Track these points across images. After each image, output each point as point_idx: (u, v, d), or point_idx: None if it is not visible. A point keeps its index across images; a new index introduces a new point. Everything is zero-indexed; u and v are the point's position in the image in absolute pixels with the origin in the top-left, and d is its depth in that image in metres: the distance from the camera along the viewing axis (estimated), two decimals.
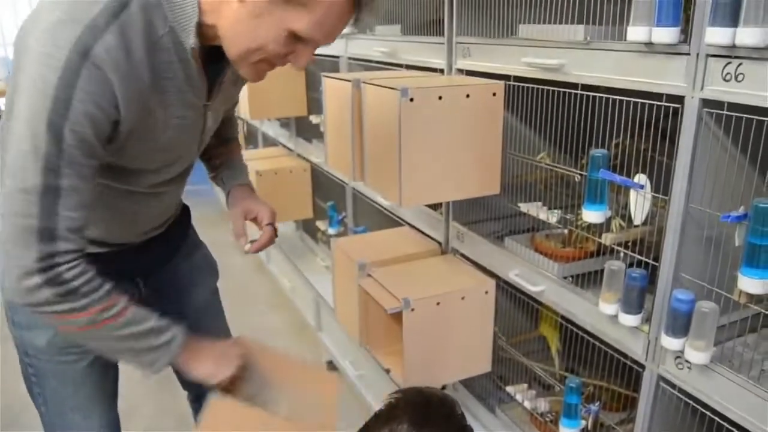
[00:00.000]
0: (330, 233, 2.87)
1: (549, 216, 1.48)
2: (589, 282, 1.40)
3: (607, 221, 1.31)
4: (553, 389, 1.73)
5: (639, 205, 1.21)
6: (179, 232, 1.40)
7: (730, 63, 0.98)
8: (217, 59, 0.99)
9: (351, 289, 1.80)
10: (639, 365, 1.25)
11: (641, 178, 1.20)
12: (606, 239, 1.31)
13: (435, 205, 1.90)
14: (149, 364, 1.08)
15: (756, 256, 1.00)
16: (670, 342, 1.13)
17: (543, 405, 1.65)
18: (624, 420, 1.51)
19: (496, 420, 1.79)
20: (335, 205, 2.84)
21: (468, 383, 1.89)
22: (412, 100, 1.38)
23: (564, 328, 1.51)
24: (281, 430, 1.17)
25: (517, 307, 1.72)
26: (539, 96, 1.45)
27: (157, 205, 1.24)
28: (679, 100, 1.07)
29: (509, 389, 1.73)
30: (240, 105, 2.87)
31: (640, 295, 1.21)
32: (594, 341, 1.38)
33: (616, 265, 1.25)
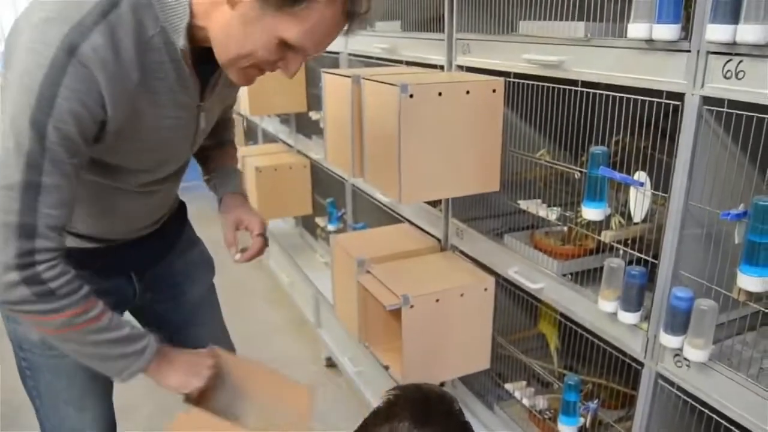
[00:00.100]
0: (329, 230, 2.86)
1: (548, 213, 1.48)
2: (589, 279, 1.40)
3: (607, 219, 1.31)
4: (552, 387, 1.73)
5: (639, 203, 1.21)
6: (175, 228, 1.39)
7: (730, 60, 0.98)
8: (210, 60, 0.99)
9: (350, 286, 1.80)
10: (638, 363, 1.25)
11: (641, 175, 1.20)
12: (605, 237, 1.31)
13: (434, 202, 1.90)
14: (119, 371, 1.07)
15: (755, 253, 1.00)
16: (669, 340, 1.13)
17: (542, 402, 1.65)
18: (622, 417, 1.51)
19: (494, 417, 1.79)
20: (335, 202, 2.84)
21: (467, 380, 1.89)
22: (411, 96, 1.38)
23: (563, 325, 1.51)
24: None
25: (517, 305, 1.72)
26: (539, 93, 1.45)
27: (151, 203, 1.24)
28: (680, 97, 1.07)
29: (508, 386, 1.73)
30: (240, 101, 2.87)
31: (639, 293, 1.21)
32: (593, 339, 1.38)
33: (615, 263, 1.25)
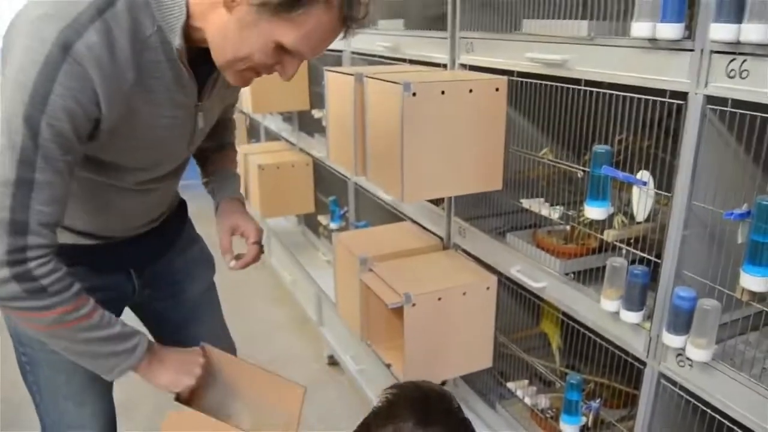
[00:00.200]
0: (331, 228, 2.87)
1: (551, 212, 1.48)
2: (591, 279, 1.40)
3: (610, 218, 1.31)
4: (554, 386, 1.73)
5: (641, 202, 1.21)
6: (174, 226, 1.39)
7: (734, 59, 0.97)
8: (208, 61, 0.99)
9: (352, 284, 1.80)
10: (640, 362, 1.25)
11: (644, 174, 1.20)
12: (608, 236, 1.31)
13: (437, 201, 1.90)
14: (109, 369, 1.08)
15: (759, 253, 0.99)
16: (671, 339, 1.13)
17: (543, 401, 1.65)
18: (625, 417, 1.51)
19: (496, 416, 1.79)
20: (337, 200, 2.84)
21: (469, 379, 1.89)
22: (414, 94, 1.38)
23: (565, 324, 1.51)
24: None
25: (519, 304, 1.72)
26: (542, 92, 1.45)
27: (148, 201, 1.24)
28: (683, 96, 1.06)
29: (510, 385, 1.73)
30: (243, 99, 2.87)
31: (642, 292, 1.21)
32: (595, 338, 1.37)
33: (618, 262, 1.24)
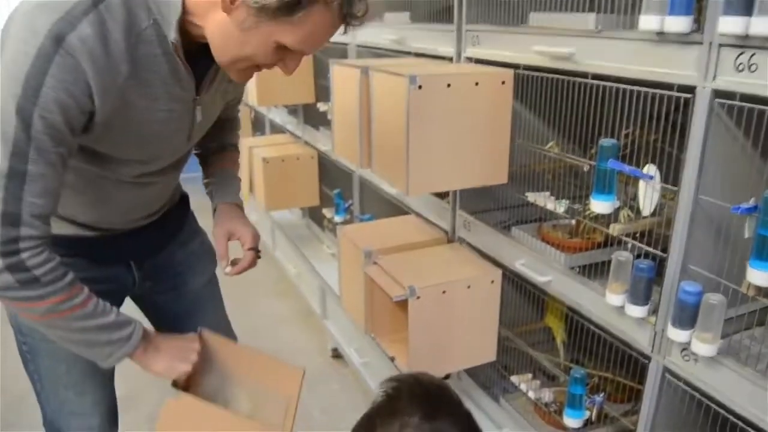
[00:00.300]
0: (336, 221, 2.87)
1: (556, 206, 1.47)
2: (596, 273, 1.39)
3: (615, 212, 1.31)
4: (558, 380, 1.73)
5: (648, 196, 1.21)
6: (176, 219, 1.40)
7: (743, 53, 0.97)
8: (207, 55, 0.98)
9: (357, 277, 1.80)
10: (645, 357, 1.25)
11: (651, 168, 1.19)
12: (614, 230, 1.30)
13: (442, 194, 1.89)
14: (105, 357, 1.08)
15: (765, 248, 0.99)
16: (676, 334, 1.13)
17: (547, 395, 1.65)
18: (628, 411, 1.51)
19: (499, 409, 1.80)
20: (342, 193, 2.84)
21: (472, 372, 1.89)
22: (420, 87, 1.37)
23: (570, 318, 1.51)
24: (239, 429, 1.16)
25: (523, 298, 1.72)
26: (549, 85, 1.44)
27: (147, 194, 1.24)
28: (691, 90, 1.06)
29: (513, 379, 1.73)
30: (248, 92, 2.87)
31: (647, 287, 1.20)
32: (600, 332, 1.37)
33: (623, 256, 1.24)
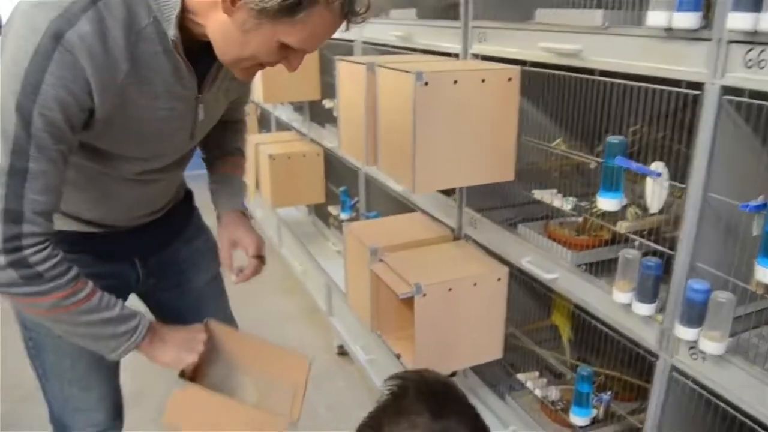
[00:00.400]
0: (342, 218, 2.87)
1: (563, 203, 1.47)
2: (603, 271, 1.39)
3: (623, 209, 1.30)
4: (564, 378, 1.72)
5: (655, 194, 1.20)
6: (180, 216, 1.40)
7: (752, 49, 0.96)
8: (209, 52, 0.98)
9: (363, 274, 1.80)
10: (652, 355, 1.24)
11: (658, 165, 1.19)
12: (621, 227, 1.30)
13: (448, 191, 1.89)
14: (111, 350, 1.09)
15: None
16: (684, 332, 1.12)
17: (554, 393, 1.65)
18: (636, 410, 1.50)
19: (506, 407, 1.79)
20: (348, 190, 2.84)
21: (478, 370, 1.89)
22: (426, 84, 1.37)
23: (576, 316, 1.50)
24: (246, 418, 1.17)
25: (530, 295, 1.72)
26: (555, 82, 1.44)
27: (150, 192, 1.24)
28: (699, 87, 1.05)
29: (520, 377, 1.73)
30: (254, 89, 2.86)
31: (654, 284, 1.20)
32: (607, 330, 1.37)
33: (631, 254, 1.23)
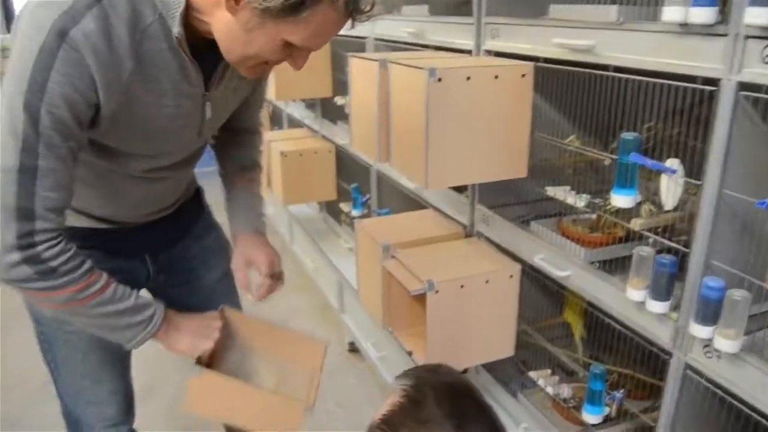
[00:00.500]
0: (353, 215, 2.87)
1: (577, 200, 1.46)
2: (617, 268, 1.38)
3: (637, 207, 1.29)
4: (576, 376, 1.71)
5: (670, 191, 1.19)
6: (190, 213, 1.40)
7: None
8: (215, 50, 0.98)
9: (374, 271, 1.80)
10: (666, 353, 1.23)
11: (673, 162, 1.18)
12: (635, 224, 1.29)
13: (460, 188, 1.88)
14: (128, 340, 1.10)
15: None
16: (699, 330, 1.12)
17: (566, 391, 1.64)
18: (648, 408, 1.49)
19: (517, 405, 1.79)
20: (359, 187, 2.84)
21: (490, 367, 1.89)
22: (440, 80, 1.37)
23: (589, 314, 1.50)
24: (263, 403, 1.18)
25: (542, 293, 1.71)
26: (569, 78, 1.43)
27: (160, 189, 1.25)
28: (715, 83, 1.04)
29: (532, 374, 1.72)
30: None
31: (669, 282, 1.19)
32: (620, 328, 1.36)
33: (645, 251, 1.23)
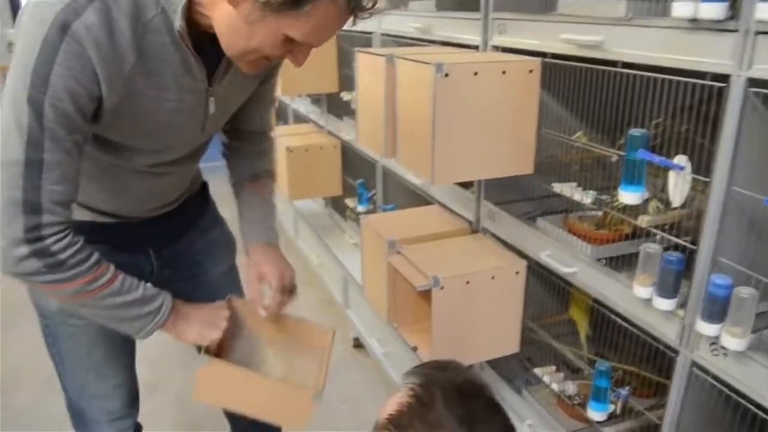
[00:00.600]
0: (359, 211, 2.87)
1: (583, 197, 1.45)
2: (623, 265, 1.37)
3: (644, 203, 1.29)
4: (581, 373, 1.71)
5: (678, 188, 1.19)
6: (195, 208, 1.40)
7: None
8: (217, 44, 0.98)
9: (380, 267, 1.80)
10: (672, 350, 1.23)
11: (681, 159, 1.17)
12: (642, 221, 1.28)
13: (466, 184, 1.88)
14: (137, 330, 1.11)
15: None
16: (705, 327, 1.11)
17: (571, 388, 1.64)
18: (654, 406, 1.49)
19: (522, 401, 1.79)
20: (365, 183, 2.84)
21: (495, 364, 1.88)
22: (447, 75, 1.36)
23: (595, 311, 1.49)
24: (271, 391, 1.19)
25: (548, 289, 1.71)
26: (577, 74, 1.42)
27: (164, 184, 1.25)
28: (725, 79, 1.03)
29: (537, 371, 1.72)
30: None
31: (676, 279, 1.18)
32: (626, 325, 1.36)
33: (652, 248, 1.22)
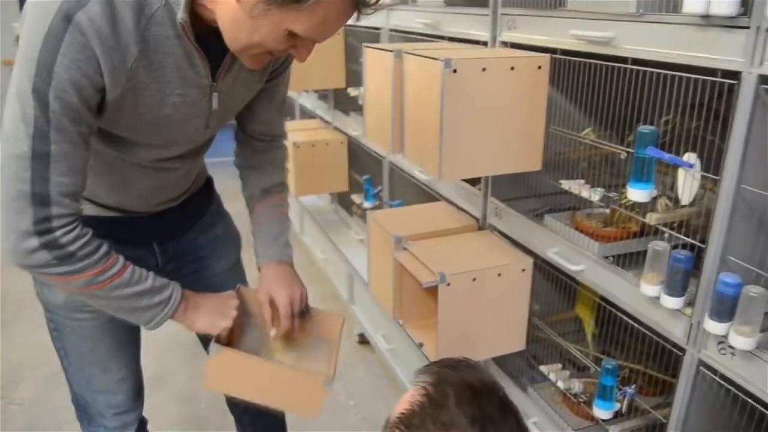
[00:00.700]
0: (365, 207, 2.87)
1: (591, 194, 1.45)
2: (631, 263, 1.37)
3: (652, 201, 1.28)
4: (587, 371, 1.71)
5: (687, 185, 1.18)
6: (200, 203, 1.40)
7: None
8: (221, 39, 0.98)
9: (386, 263, 1.80)
10: (679, 349, 1.22)
11: (691, 156, 1.17)
12: (651, 219, 1.28)
13: (473, 181, 1.88)
14: (148, 321, 1.12)
15: None
16: (713, 326, 1.10)
17: (576, 386, 1.64)
18: (660, 404, 1.49)
19: (528, 399, 1.78)
20: (371, 179, 2.83)
21: (501, 361, 1.88)
22: (455, 71, 1.36)
23: (602, 309, 1.49)
24: (282, 379, 1.19)
25: (554, 287, 1.70)
26: (586, 70, 1.41)
27: (168, 180, 1.25)
28: (736, 76, 1.03)
29: (542, 369, 1.72)
30: None
31: (684, 277, 1.18)
32: (633, 323, 1.35)
33: (660, 246, 1.22)
